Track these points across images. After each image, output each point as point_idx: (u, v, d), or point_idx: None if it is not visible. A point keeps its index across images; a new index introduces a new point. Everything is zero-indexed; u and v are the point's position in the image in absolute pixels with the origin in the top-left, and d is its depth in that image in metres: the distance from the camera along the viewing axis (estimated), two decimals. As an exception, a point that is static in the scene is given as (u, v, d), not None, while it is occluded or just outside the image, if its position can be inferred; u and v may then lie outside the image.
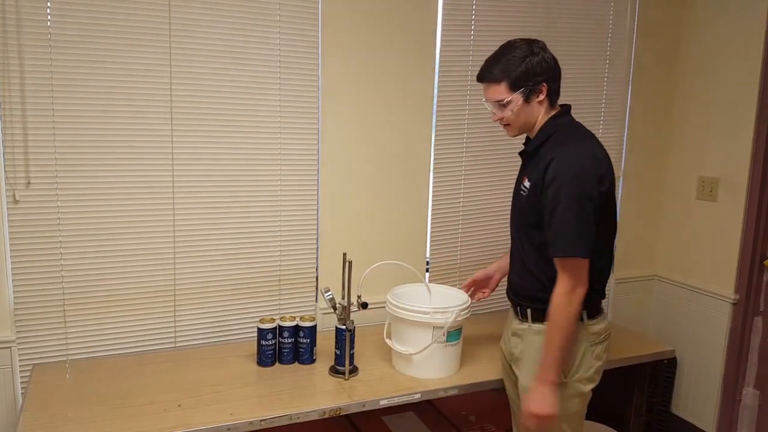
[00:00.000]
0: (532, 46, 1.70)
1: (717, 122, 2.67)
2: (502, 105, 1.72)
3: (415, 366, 2.01)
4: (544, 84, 1.70)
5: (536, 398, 1.68)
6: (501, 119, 1.76)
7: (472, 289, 2.14)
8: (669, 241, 2.92)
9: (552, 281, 1.70)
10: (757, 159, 2.51)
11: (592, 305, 1.74)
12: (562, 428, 1.76)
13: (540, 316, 1.76)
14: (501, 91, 1.71)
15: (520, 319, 1.83)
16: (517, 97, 1.70)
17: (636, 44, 2.78)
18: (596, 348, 1.75)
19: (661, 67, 2.85)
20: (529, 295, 1.79)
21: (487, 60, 1.75)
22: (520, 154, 1.84)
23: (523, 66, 1.67)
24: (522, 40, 1.72)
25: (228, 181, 2.21)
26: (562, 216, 1.62)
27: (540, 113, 1.74)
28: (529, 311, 1.79)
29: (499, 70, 1.70)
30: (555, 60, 1.72)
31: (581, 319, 1.72)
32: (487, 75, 1.73)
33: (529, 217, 1.74)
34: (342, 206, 2.38)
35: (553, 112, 1.75)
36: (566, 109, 1.78)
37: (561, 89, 1.77)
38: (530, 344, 1.79)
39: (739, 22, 2.56)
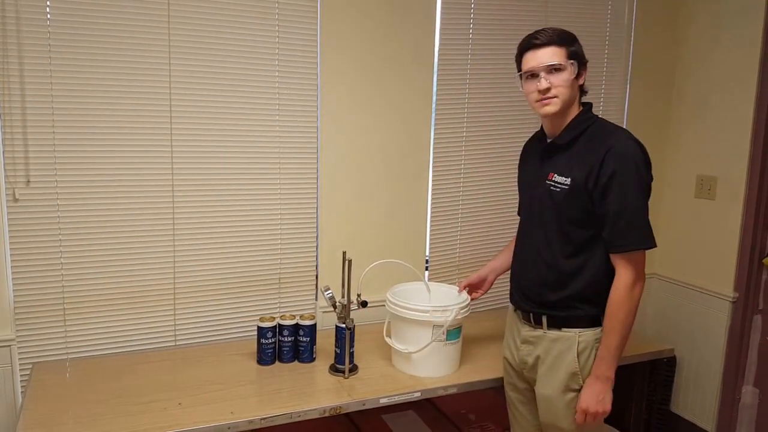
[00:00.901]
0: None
1: (715, 120, 2.68)
2: (556, 70, 1.64)
3: (414, 364, 2.01)
4: (585, 69, 1.68)
5: (591, 395, 1.65)
6: (547, 90, 1.64)
7: (466, 290, 2.13)
8: (668, 239, 2.92)
9: (581, 282, 1.67)
10: (756, 157, 2.52)
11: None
12: None
13: (557, 322, 1.72)
14: (561, 55, 1.64)
15: (532, 326, 1.78)
16: (572, 68, 1.64)
17: (634, 42, 2.78)
18: None
19: (659, 64, 2.85)
20: (545, 300, 1.73)
21: (539, 30, 1.67)
22: (545, 148, 1.75)
23: (577, 43, 1.67)
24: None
25: (227, 179, 2.21)
26: (633, 208, 1.59)
27: (575, 99, 1.69)
28: (544, 318, 1.74)
29: (564, 37, 1.65)
30: None
31: (600, 324, 1.69)
32: (545, 37, 1.65)
33: (572, 213, 1.67)
34: (341, 205, 2.39)
35: (580, 108, 1.72)
36: (590, 106, 1.74)
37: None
38: (547, 352, 1.74)
39: (737, 20, 2.56)
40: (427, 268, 2.57)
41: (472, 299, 2.08)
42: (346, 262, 1.96)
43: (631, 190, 1.59)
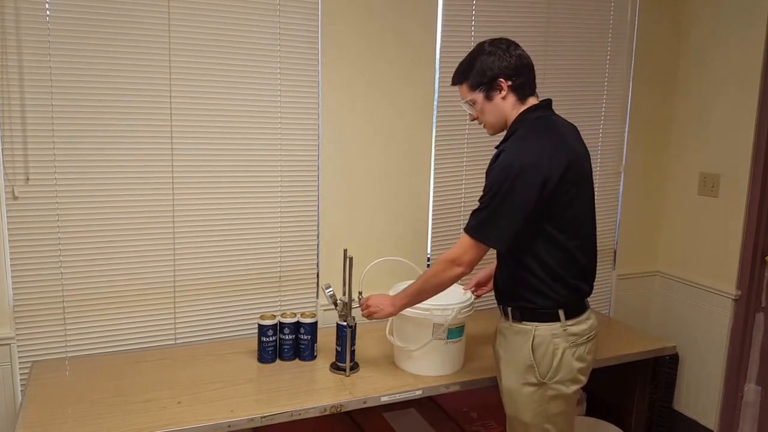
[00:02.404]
0: (491, 45, 1.72)
1: (718, 118, 2.66)
2: (471, 105, 1.78)
3: (416, 363, 2.00)
4: (502, 80, 1.70)
5: (377, 301, 1.89)
6: (476, 118, 1.81)
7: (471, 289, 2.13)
8: (671, 237, 2.91)
9: (525, 274, 1.70)
10: (759, 154, 2.51)
11: (569, 304, 1.72)
12: (545, 428, 1.73)
13: (518, 315, 1.74)
14: (465, 92, 1.77)
15: (505, 318, 1.82)
16: (477, 96, 1.74)
17: (637, 39, 2.77)
18: (578, 349, 1.72)
19: (662, 62, 2.84)
20: (509, 292, 1.77)
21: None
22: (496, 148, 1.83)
23: (477, 65, 1.73)
24: (488, 40, 1.76)
25: (228, 177, 2.20)
26: (484, 204, 1.67)
27: (507, 109, 1.74)
28: (509, 309, 1.77)
29: (460, 72, 1.77)
30: (519, 56, 1.71)
31: (558, 320, 1.70)
32: (453, 78, 1.81)
33: None
34: (343, 202, 2.38)
35: (524, 107, 1.74)
36: (542, 103, 1.76)
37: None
38: (510, 343, 1.77)
39: (741, 17, 2.55)
40: (428, 266, 2.56)
41: (477, 296, 2.09)
42: (347, 259, 1.95)
43: (490, 190, 1.65)
